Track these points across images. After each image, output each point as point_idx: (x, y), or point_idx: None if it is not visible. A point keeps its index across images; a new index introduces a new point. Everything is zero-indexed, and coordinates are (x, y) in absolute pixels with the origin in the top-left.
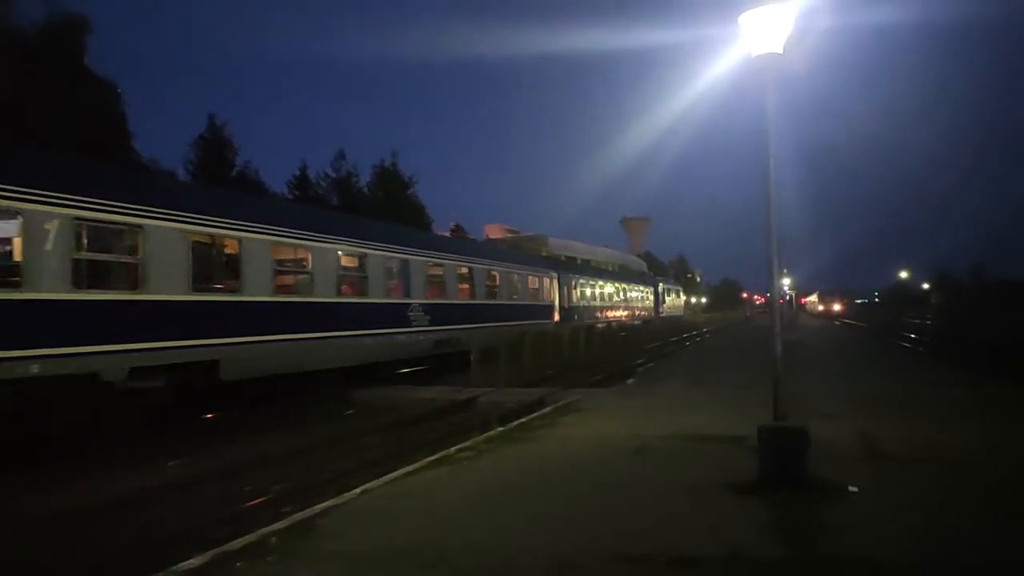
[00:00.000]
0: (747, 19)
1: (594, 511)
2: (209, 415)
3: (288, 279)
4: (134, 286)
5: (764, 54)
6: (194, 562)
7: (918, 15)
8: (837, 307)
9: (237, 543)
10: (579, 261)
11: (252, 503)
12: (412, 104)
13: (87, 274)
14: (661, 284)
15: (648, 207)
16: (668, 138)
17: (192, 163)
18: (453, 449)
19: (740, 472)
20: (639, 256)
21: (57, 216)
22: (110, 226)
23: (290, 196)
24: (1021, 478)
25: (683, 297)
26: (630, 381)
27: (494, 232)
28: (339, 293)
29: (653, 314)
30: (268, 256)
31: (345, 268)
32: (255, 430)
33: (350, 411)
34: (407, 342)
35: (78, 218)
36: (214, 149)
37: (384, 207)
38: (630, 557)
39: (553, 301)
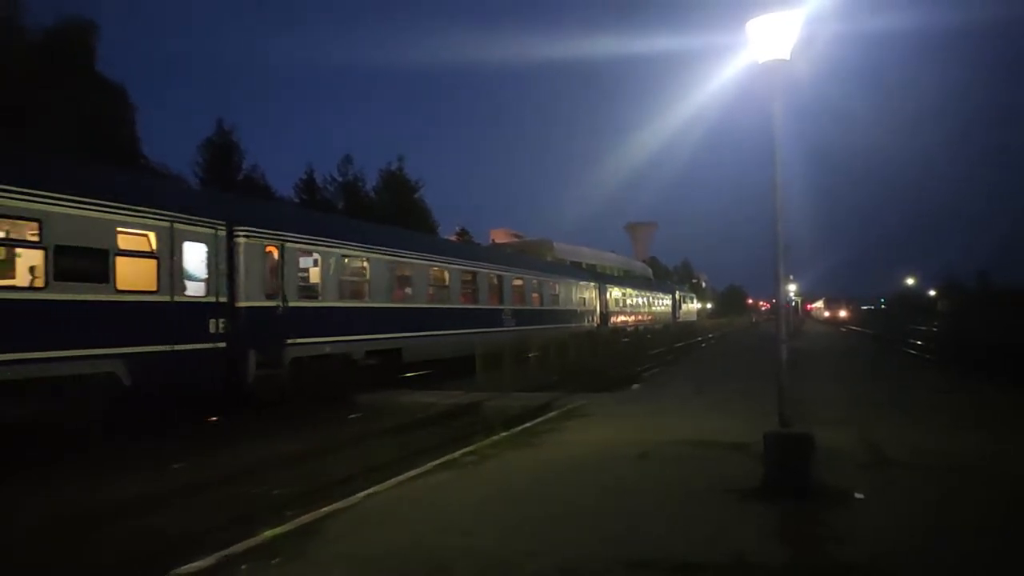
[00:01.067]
0: (754, 26)
1: (598, 517)
2: (214, 418)
3: (436, 292)
4: (362, 297)
5: (771, 60)
6: (199, 564)
7: (924, 20)
8: (843, 313)
9: (242, 546)
10: (584, 266)
11: (257, 506)
12: (418, 108)
13: (344, 290)
14: (678, 292)
15: (653, 212)
16: (675, 144)
17: (200, 166)
18: (458, 453)
19: (745, 478)
20: (644, 261)
21: (335, 255)
22: (354, 260)
23: (297, 200)
24: None
25: (697, 304)
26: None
27: (500, 237)
28: (462, 301)
29: (672, 319)
30: (426, 275)
31: (466, 283)
32: (260, 433)
33: (355, 415)
34: (499, 339)
35: (344, 255)
36: (221, 152)
37: (391, 211)
38: (634, 563)
39: (595, 308)
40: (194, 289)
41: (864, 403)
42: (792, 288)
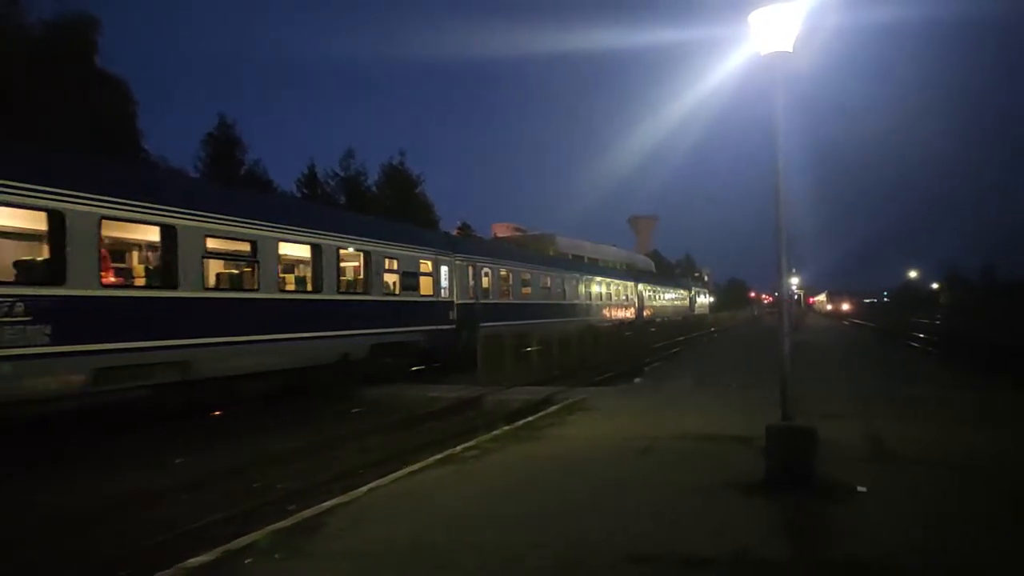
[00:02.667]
0: (757, 17)
1: (601, 511)
2: (216, 412)
3: (542, 292)
4: (508, 297)
5: (773, 52)
6: (202, 559)
7: (927, 12)
8: (846, 307)
9: (244, 540)
10: (586, 259)
11: (259, 501)
12: (419, 102)
13: (500, 292)
14: (694, 288)
15: (656, 206)
16: (676, 137)
17: (202, 161)
18: (459, 448)
19: (748, 472)
20: (647, 255)
21: (496, 270)
22: (504, 273)
23: (299, 194)
24: None
25: (708, 299)
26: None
27: (502, 231)
28: (556, 298)
29: (689, 311)
30: (540, 281)
31: (556, 283)
32: (262, 428)
33: (357, 409)
34: (572, 327)
35: (499, 270)
36: (224, 147)
37: (392, 206)
38: (637, 557)
39: (634, 302)
40: (443, 293)
41: (867, 397)
42: (794, 281)
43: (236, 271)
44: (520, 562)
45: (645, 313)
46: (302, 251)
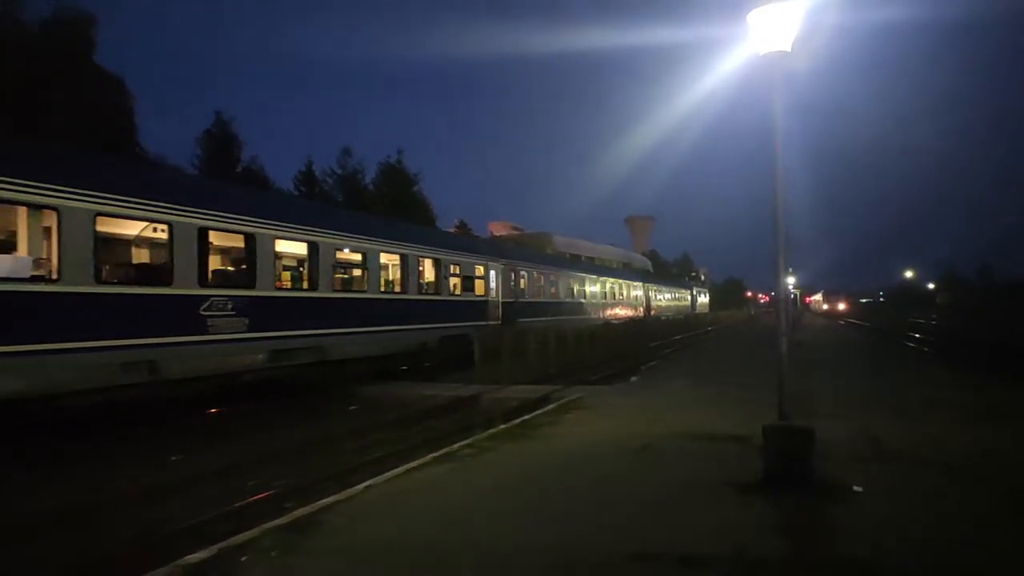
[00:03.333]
0: (755, 17)
1: (598, 509)
2: (213, 410)
3: (571, 293)
4: (539, 296)
5: (772, 52)
6: (199, 555)
7: (926, 13)
8: (842, 306)
9: (241, 537)
10: (583, 259)
11: (256, 498)
12: (416, 101)
13: (535, 292)
14: (695, 289)
15: (653, 206)
16: (674, 137)
17: (199, 158)
18: (456, 446)
19: (745, 471)
20: (643, 254)
21: (531, 273)
22: (536, 275)
23: (296, 192)
24: None
25: (707, 299)
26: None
27: (498, 229)
28: (586, 299)
29: (691, 310)
30: (568, 284)
31: (571, 286)
32: (259, 425)
33: (354, 407)
34: (586, 324)
35: (534, 272)
36: (220, 144)
37: (389, 204)
38: (635, 555)
39: (644, 301)
40: (492, 294)
41: (864, 396)
42: (791, 281)
43: (349, 276)
44: (518, 560)
45: (651, 311)
46: (394, 260)
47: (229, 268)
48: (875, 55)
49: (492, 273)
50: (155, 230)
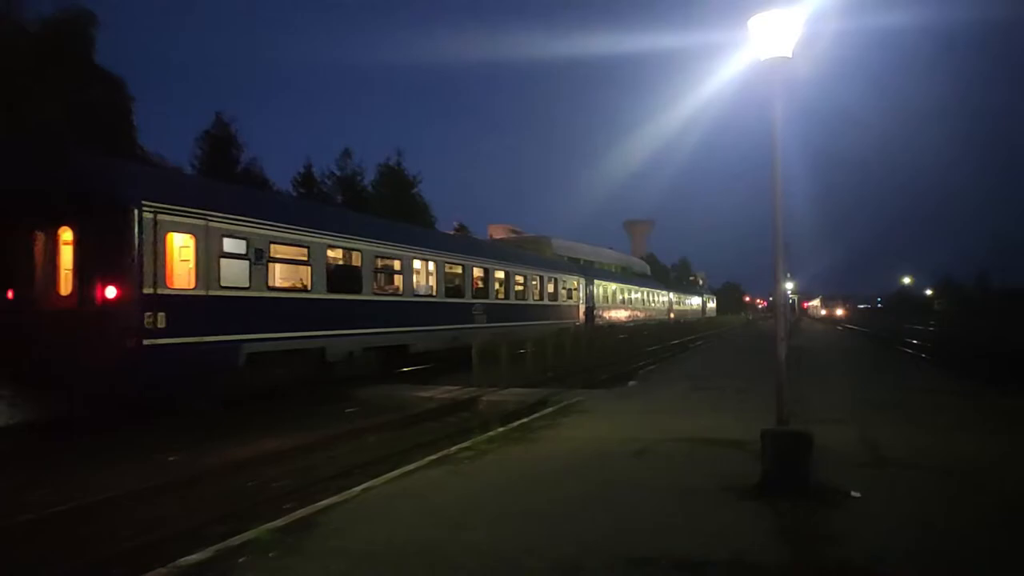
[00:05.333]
0: (756, 23)
1: (596, 513)
2: (210, 411)
3: (622, 300)
4: (608, 304)
5: (773, 58)
6: (197, 557)
7: (925, 19)
8: (840, 312)
9: (239, 538)
10: (581, 262)
11: (254, 499)
12: (416, 104)
13: (602, 299)
14: (705, 295)
15: (652, 210)
16: (675, 142)
17: (198, 159)
18: (454, 449)
19: (743, 476)
20: (642, 258)
21: (601, 285)
22: (602, 285)
23: (295, 194)
24: None
25: (715, 303)
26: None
27: (498, 232)
28: (622, 304)
29: (702, 314)
30: (622, 295)
31: (625, 293)
32: (256, 426)
33: (351, 409)
34: (633, 324)
35: (599, 283)
36: (220, 145)
37: (389, 206)
38: (633, 560)
39: (668, 306)
40: (581, 301)
41: (861, 402)
42: (789, 286)
43: (506, 290)
44: (516, 563)
45: (673, 315)
46: (535, 279)
47: (345, 278)
48: (876, 61)
49: (581, 285)
50: (351, 256)
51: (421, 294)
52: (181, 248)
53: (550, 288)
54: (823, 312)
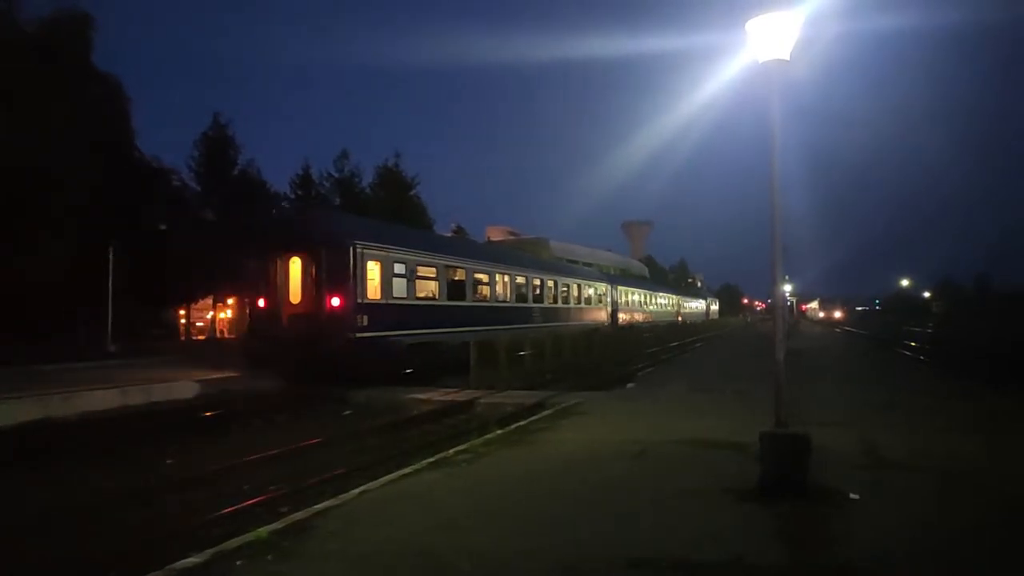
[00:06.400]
0: (754, 25)
1: (594, 516)
2: (208, 413)
3: (654, 305)
4: (631, 308)
5: (771, 60)
6: (193, 560)
7: (923, 22)
8: (838, 314)
9: (235, 542)
10: (580, 264)
11: (250, 502)
12: (414, 106)
13: (623, 303)
14: (708, 298)
15: (650, 211)
16: (673, 144)
17: (195, 160)
18: (451, 451)
19: (741, 478)
20: (640, 260)
21: (623, 291)
22: (626, 292)
23: (293, 196)
24: (1023, 488)
25: (716, 306)
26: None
27: (495, 234)
28: (643, 306)
29: (705, 316)
30: (651, 299)
31: (644, 297)
32: (253, 429)
33: (348, 412)
34: (647, 324)
35: (621, 289)
36: (217, 147)
37: (386, 208)
38: (632, 562)
39: (676, 309)
40: (607, 304)
41: (860, 404)
42: (787, 288)
43: (559, 295)
44: (514, 566)
45: (680, 317)
46: (575, 290)
47: (449, 289)
48: (874, 63)
49: (607, 290)
50: (458, 272)
51: (500, 300)
52: (371, 271)
53: (586, 293)
54: (821, 314)
